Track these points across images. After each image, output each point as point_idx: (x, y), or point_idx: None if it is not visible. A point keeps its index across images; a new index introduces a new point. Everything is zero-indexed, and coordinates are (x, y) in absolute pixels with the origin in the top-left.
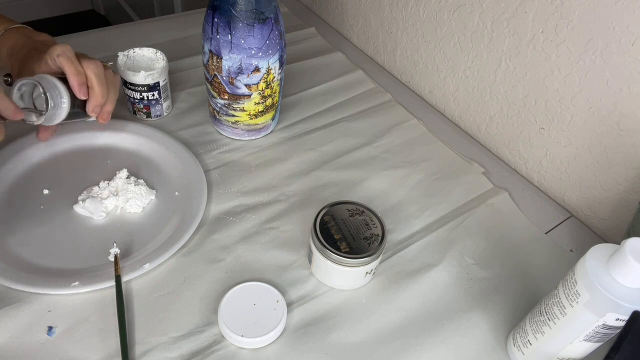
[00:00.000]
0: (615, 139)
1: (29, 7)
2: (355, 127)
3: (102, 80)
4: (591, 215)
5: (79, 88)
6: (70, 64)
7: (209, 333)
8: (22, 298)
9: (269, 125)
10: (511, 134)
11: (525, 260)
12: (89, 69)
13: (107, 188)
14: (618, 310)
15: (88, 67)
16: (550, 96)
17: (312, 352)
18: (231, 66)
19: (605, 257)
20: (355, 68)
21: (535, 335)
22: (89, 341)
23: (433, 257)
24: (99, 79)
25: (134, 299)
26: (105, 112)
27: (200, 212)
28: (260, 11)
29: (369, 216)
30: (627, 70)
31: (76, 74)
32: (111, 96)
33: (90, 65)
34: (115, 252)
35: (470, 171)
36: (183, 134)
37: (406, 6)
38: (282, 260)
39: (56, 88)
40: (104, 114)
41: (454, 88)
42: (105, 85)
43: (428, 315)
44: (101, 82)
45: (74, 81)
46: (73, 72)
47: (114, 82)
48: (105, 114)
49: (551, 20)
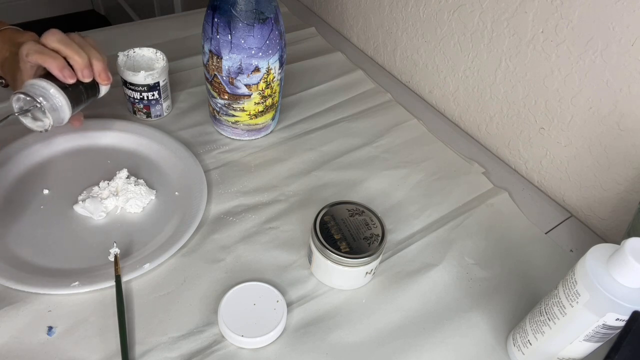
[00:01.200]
0: (615, 139)
1: (29, 7)
2: (355, 127)
3: (68, 43)
4: (591, 215)
5: (61, 73)
6: (41, 55)
7: (209, 333)
8: (22, 298)
9: (269, 125)
10: (511, 134)
11: (525, 260)
12: (50, 41)
13: (107, 188)
14: (618, 310)
15: (50, 42)
16: (550, 96)
17: (312, 352)
18: (231, 66)
19: (605, 257)
20: (355, 68)
21: (535, 335)
22: (89, 341)
23: (433, 257)
24: (65, 45)
25: (134, 299)
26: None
27: (200, 212)
28: (260, 11)
29: (369, 216)
30: (627, 70)
31: (52, 60)
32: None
33: (50, 38)
34: (115, 252)
35: (470, 171)
36: (183, 134)
37: (406, 6)
38: (282, 260)
39: (43, 88)
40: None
41: (454, 88)
42: (74, 45)
43: (428, 315)
44: (69, 46)
45: (54, 69)
46: (48, 61)
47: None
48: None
49: (551, 20)
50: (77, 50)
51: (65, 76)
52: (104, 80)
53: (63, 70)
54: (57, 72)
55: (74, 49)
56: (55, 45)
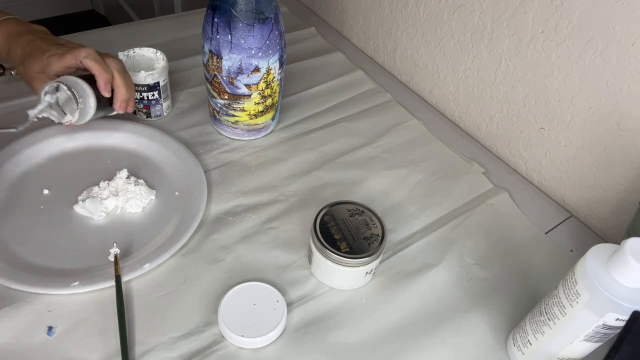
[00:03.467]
0: (615, 139)
1: (29, 7)
2: (355, 127)
3: (125, 75)
4: (591, 215)
5: (104, 86)
6: (96, 63)
7: (209, 333)
8: (22, 298)
9: (269, 125)
10: (511, 134)
11: (525, 260)
12: (113, 66)
13: (107, 188)
14: (618, 310)
15: (111, 65)
16: (550, 96)
17: (312, 352)
18: (231, 66)
19: (605, 257)
20: (355, 68)
21: (535, 335)
22: (89, 341)
23: (433, 257)
24: (122, 75)
25: (134, 299)
26: (130, 105)
27: (200, 212)
28: (260, 11)
29: (369, 216)
30: (627, 70)
31: (103, 72)
32: (132, 93)
33: (112, 63)
34: (115, 252)
35: (470, 171)
36: (183, 134)
37: (406, 6)
38: (282, 260)
39: (80, 86)
40: (129, 106)
41: (454, 88)
42: (127, 78)
43: (428, 315)
44: (124, 77)
45: (101, 80)
46: (100, 71)
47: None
48: (130, 107)
49: (551, 20)
50: (128, 84)
51: (106, 91)
52: (129, 109)
53: (107, 85)
54: (102, 84)
55: (126, 81)
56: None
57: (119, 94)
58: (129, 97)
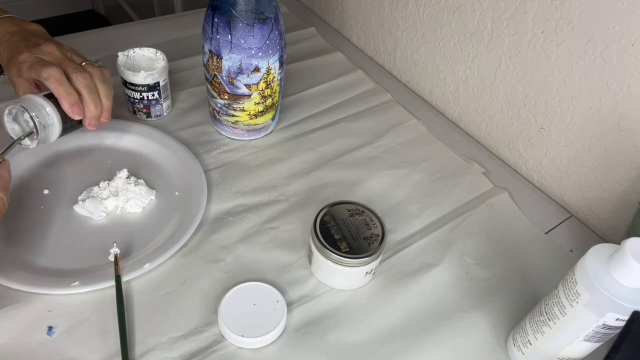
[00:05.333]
0: (615, 139)
1: (29, 7)
2: (355, 127)
3: (92, 92)
4: (591, 215)
5: (71, 109)
6: (59, 85)
7: (209, 333)
8: (22, 298)
9: (269, 125)
10: (511, 134)
11: (525, 260)
12: (79, 82)
13: (107, 188)
14: (618, 310)
15: (77, 82)
16: (550, 96)
17: (312, 352)
18: (231, 66)
19: (605, 257)
20: (355, 68)
21: (535, 335)
22: (89, 341)
23: (433, 257)
24: (89, 91)
25: (134, 299)
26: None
27: (200, 212)
28: (260, 11)
29: (369, 216)
30: (627, 70)
31: (66, 96)
32: (105, 104)
33: (79, 79)
34: (115, 252)
35: (470, 171)
36: (183, 134)
37: (406, 6)
38: (282, 260)
39: (43, 109)
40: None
41: (454, 88)
42: (97, 96)
43: (428, 315)
44: (92, 94)
45: (65, 104)
46: (63, 95)
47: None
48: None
49: (551, 20)
50: (96, 101)
51: (75, 112)
52: (104, 121)
53: (73, 107)
54: (68, 107)
55: (93, 99)
56: (80, 88)
57: (87, 111)
58: (98, 113)
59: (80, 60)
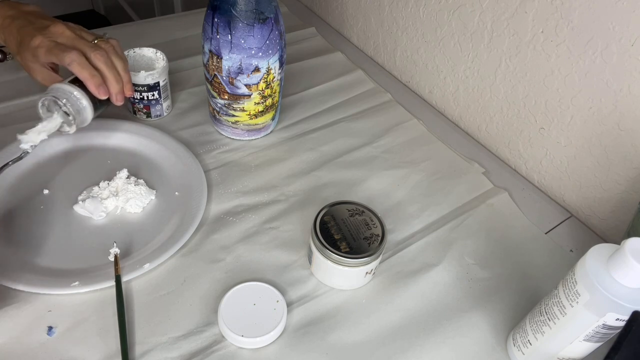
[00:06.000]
0: (615, 139)
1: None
2: (355, 127)
3: (112, 69)
4: (591, 215)
5: (97, 91)
6: (82, 69)
7: (209, 333)
8: (22, 298)
9: (269, 125)
10: (511, 134)
11: (525, 260)
12: (98, 61)
13: (107, 188)
14: (618, 310)
15: (97, 60)
16: (550, 96)
17: (312, 352)
18: (231, 66)
19: (605, 257)
20: (355, 68)
21: (535, 335)
22: (89, 341)
23: (433, 257)
24: (108, 69)
25: (134, 299)
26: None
27: (200, 212)
28: (260, 11)
29: (369, 216)
30: (627, 70)
31: (91, 78)
32: (124, 77)
33: (97, 57)
34: (115, 252)
35: (470, 171)
36: (183, 134)
37: (406, 6)
38: (282, 260)
39: (72, 94)
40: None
41: (454, 88)
42: (117, 71)
43: (428, 315)
44: (112, 71)
45: (91, 86)
46: (88, 77)
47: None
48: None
49: (551, 20)
50: (117, 76)
51: (101, 93)
52: (128, 94)
53: (99, 88)
54: (94, 88)
55: (115, 75)
56: (100, 65)
57: (111, 89)
58: (121, 87)
59: (92, 38)
